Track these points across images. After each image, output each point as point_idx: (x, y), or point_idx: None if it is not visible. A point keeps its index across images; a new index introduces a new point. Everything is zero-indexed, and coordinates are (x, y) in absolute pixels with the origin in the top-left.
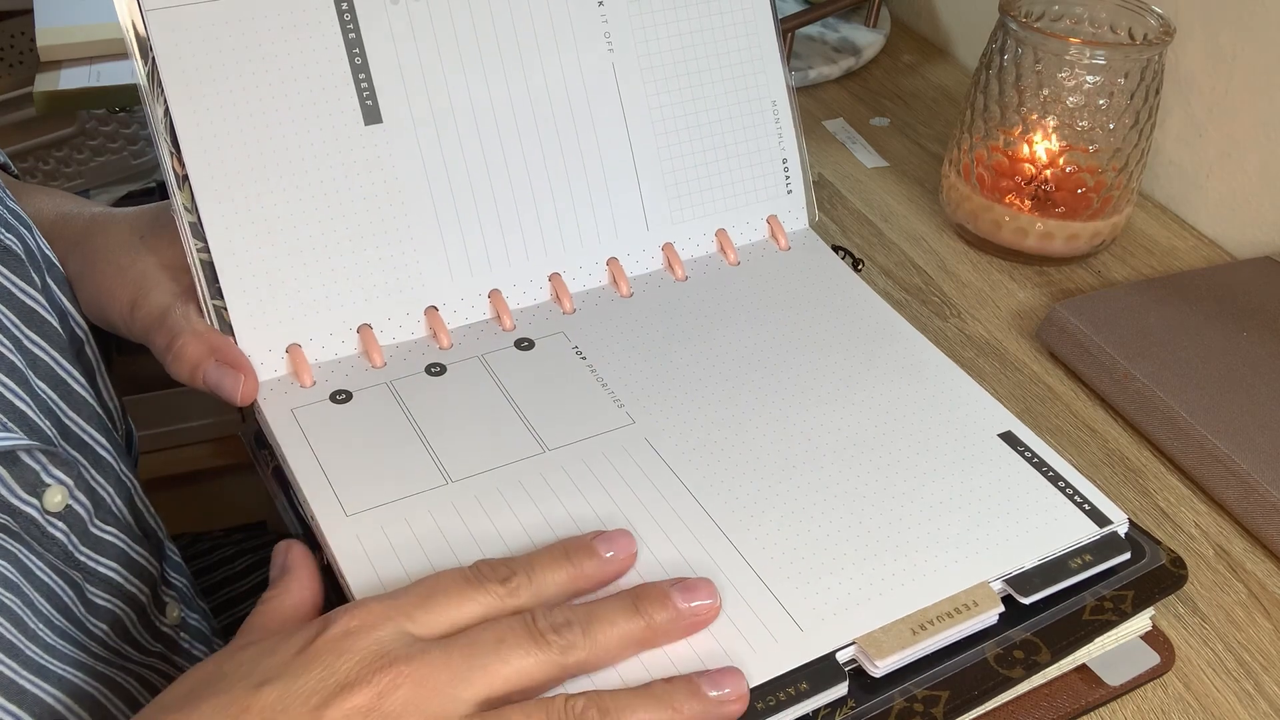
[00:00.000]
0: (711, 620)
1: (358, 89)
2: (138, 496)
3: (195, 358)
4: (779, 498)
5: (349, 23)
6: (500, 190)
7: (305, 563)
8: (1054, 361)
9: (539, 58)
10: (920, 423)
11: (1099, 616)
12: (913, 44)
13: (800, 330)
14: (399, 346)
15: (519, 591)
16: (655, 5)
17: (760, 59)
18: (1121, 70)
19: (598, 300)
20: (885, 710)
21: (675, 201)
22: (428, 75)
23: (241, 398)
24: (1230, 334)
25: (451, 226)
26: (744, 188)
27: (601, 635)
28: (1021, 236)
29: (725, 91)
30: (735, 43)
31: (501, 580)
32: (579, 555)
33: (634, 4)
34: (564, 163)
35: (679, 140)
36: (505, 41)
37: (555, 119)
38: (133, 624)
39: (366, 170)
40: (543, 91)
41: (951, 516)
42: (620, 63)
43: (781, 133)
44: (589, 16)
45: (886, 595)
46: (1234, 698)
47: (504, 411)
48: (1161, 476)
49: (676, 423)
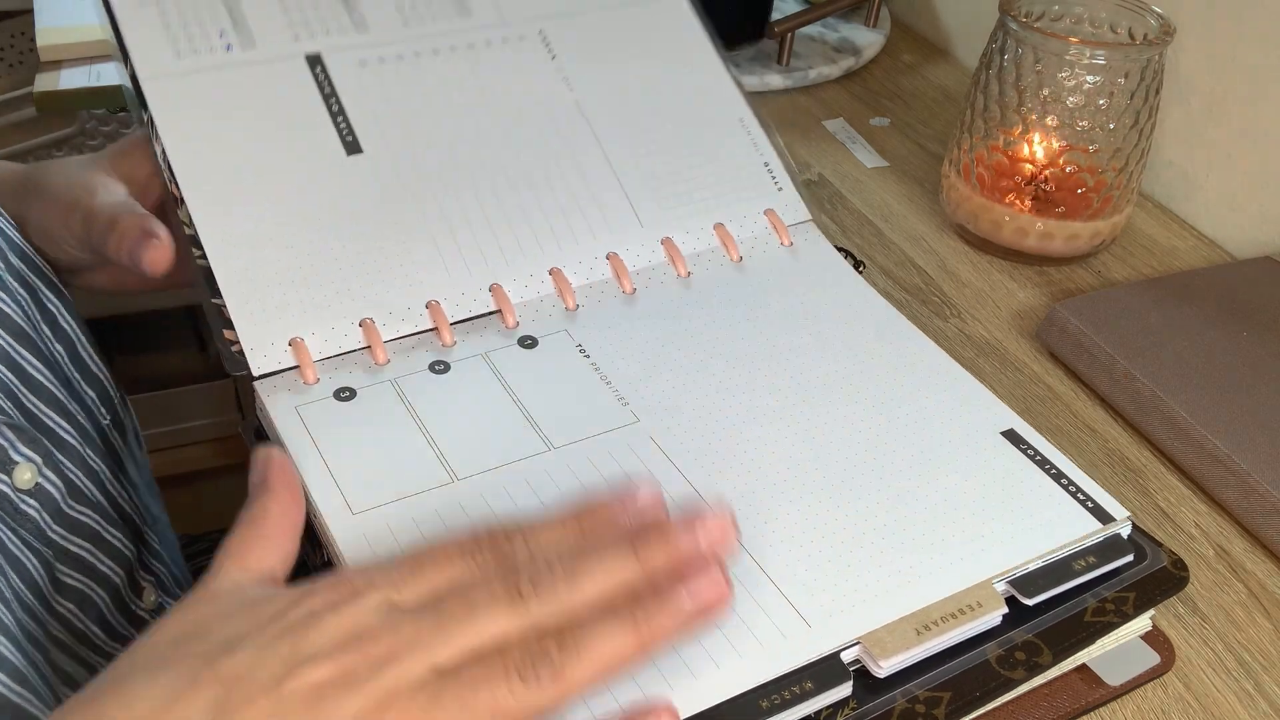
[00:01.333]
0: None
1: (337, 129)
2: (110, 481)
3: (128, 229)
4: (785, 495)
5: (324, 81)
6: (486, 199)
7: (285, 481)
8: (1054, 361)
9: (504, 99)
10: (924, 421)
11: (1100, 618)
12: (913, 44)
13: (803, 328)
14: (402, 344)
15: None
16: (603, 55)
17: (714, 87)
18: (1121, 70)
19: (600, 297)
20: (887, 711)
21: (665, 201)
22: (401, 119)
23: (148, 262)
24: (1230, 334)
25: (444, 233)
26: (731, 186)
27: (588, 582)
28: (1021, 236)
29: (690, 117)
30: (686, 79)
31: (498, 551)
32: (592, 520)
33: (583, 55)
34: (546, 176)
35: (656, 153)
36: (468, 90)
37: (530, 143)
38: (106, 606)
39: (347, 192)
40: (512, 123)
41: (955, 514)
42: (583, 100)
43: (755, 142)
44: (544, 69)
45: (893, 592)
46: (1234, 698)
47: (508, 410)
48: (1161, 476)
49: (681, 421)
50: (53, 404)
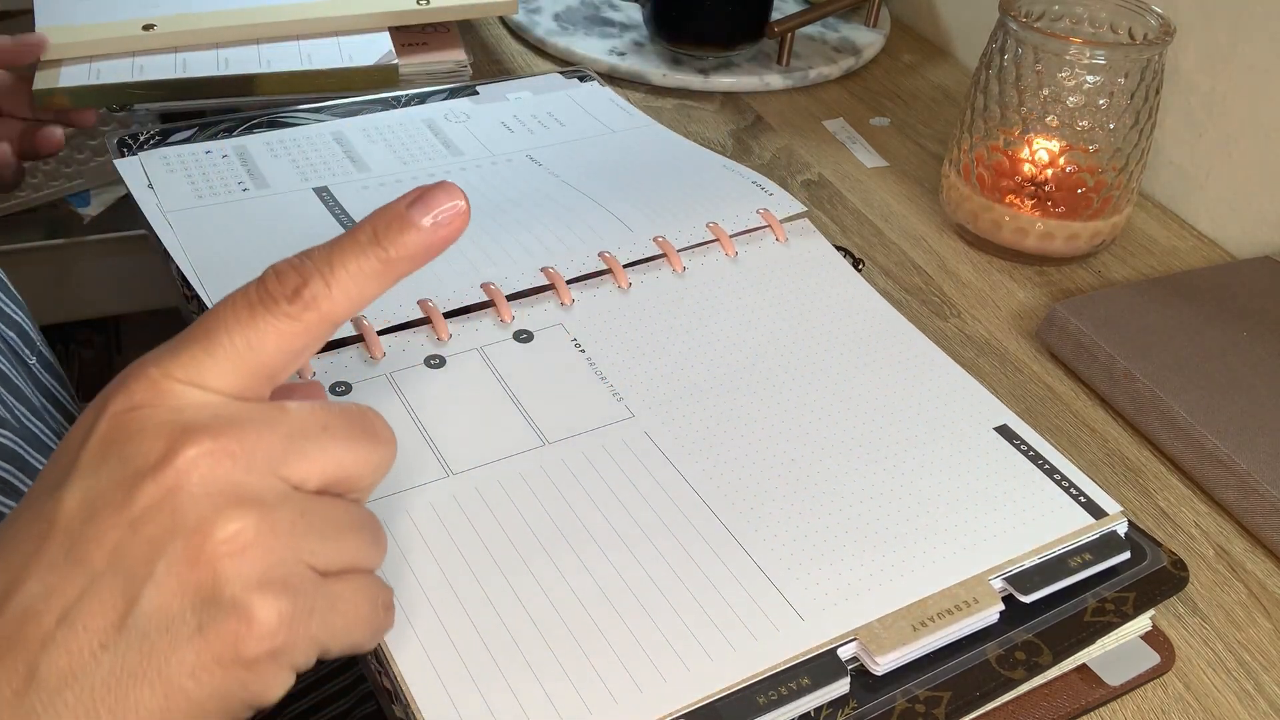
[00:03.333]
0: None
1: (339, 222)
2: (35, 409)
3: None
4: (778, 489)
5: (332, 204)
6: (478, 236)
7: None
8: (1054, 361)
9: (492, 190)
10: (917, 416)
11: (1100, 618)
12: (913, 44)
13: (798, 323)
14: (398, 339)
15: (317, 302)
16: (584, 153)
17: (695, 152)
18: (1121, 70)
19: (595, 293)
20: (888, 710)
21: (656, 212)
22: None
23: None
24: (1230, 334)
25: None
26: (722, 196)
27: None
28: (1021, 236)
29: (670, 167)
30: (641, 146)
31: (292, 294)
32: (391, 234)
33: (565, 158)
34: (533, 214)
35: (641, 190)
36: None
37: (514, 200)
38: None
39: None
40: (498, 195)
41: (949, 508)
42: (564, 175)
43: (740, 173)
44: (531, 169)
45: (886, 586)
46: (1234, 697)
47: (504, 404)
48: (1161, 476)
49: (675, 416)
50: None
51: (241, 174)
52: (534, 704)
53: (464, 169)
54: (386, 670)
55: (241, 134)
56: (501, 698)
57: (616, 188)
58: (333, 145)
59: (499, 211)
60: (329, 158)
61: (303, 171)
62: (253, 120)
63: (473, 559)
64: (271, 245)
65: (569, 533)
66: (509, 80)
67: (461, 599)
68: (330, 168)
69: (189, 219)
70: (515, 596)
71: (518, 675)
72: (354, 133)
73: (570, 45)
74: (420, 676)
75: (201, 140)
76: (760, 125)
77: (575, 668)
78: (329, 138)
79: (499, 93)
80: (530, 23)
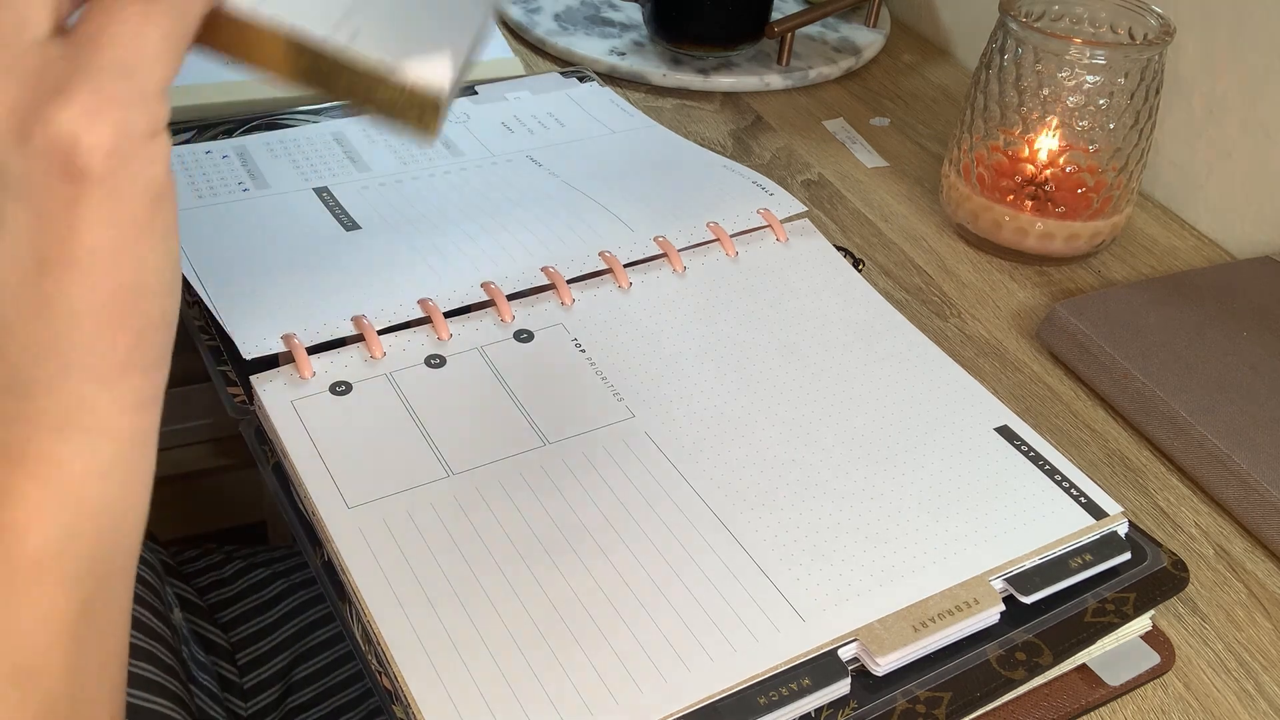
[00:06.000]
0: None
1: (338, 220)
2: None
3: None
4: (778, 490)
5: (331, 203)
6: (477, 237)
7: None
8: (1054, 361)
9: (489, 191)
10: (917, 416)
11: (1100, 619)
12: (913, 44)
13: (798, 323)
14: (398, 339)
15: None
16: (587, 154)
17: (696, 152)
18: (1121, 70)
19: (596, 292)
20: (888, 711)
21: (657, 212)
22: (396, 207)
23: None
24: (1230, 334)
25: (433, 251)
26: (723, 197)
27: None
28: (1021, 236)
29: (672, 167)
30: (641, 146)
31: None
32: None
33: (568, 159)
34: (535, 215)
35: (643, 190)
36: (462, 189)
37: (513, 201)
38: None
39: (342, 251)
40: (498, 194)
41: (949, 509)
42: (565, 176)
43: (740, 173)
44: (532, 169)
45: (886, 586)
46: (1234, 697)
47: (504, 404)
48: (1161, 476)
49: (675, 416)
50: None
51: (242, 174)
52: (534, 704)
53: (464, 169)
54: (386, 670)
55: (241, 134)
56: (502, 698)
57: (617, 188)
58: (333, 145)
59: (499, 211)
60: (329, 158)
61: (303, 171)
62: (253, 121)
63: (473, 559)
64: (272, 245)
65: (569, 533)
66: (509, 80)
67: (462, 599)
68: (330, 168)
69: (189, 219)
70: (516, 596)
71: (518, 675)
72: (354, 133)
73: (570, 45)
74: (420, 676)
75: (201, 140)
76: (760, 125)
77: (575, 668)
78: (329, 138)
79: (499, 93)
80: (530, 23)
